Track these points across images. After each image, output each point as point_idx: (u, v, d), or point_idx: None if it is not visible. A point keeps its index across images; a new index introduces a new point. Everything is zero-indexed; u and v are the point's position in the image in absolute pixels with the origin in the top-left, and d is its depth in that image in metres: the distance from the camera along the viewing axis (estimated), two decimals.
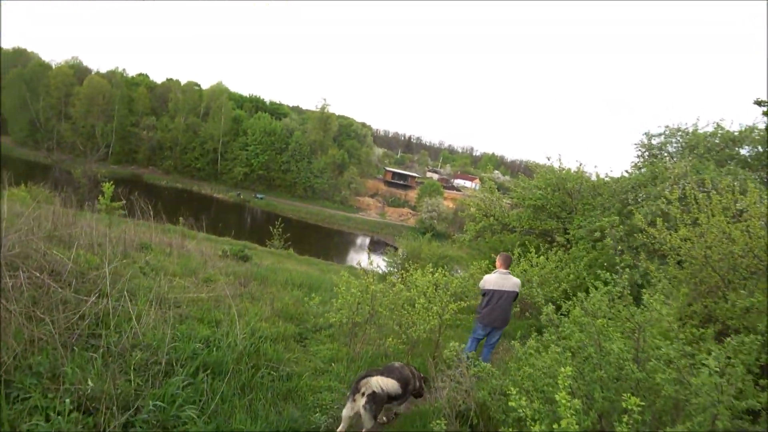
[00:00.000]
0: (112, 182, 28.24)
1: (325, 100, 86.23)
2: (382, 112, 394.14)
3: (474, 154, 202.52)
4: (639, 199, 13.34)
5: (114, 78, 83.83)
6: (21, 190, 29.68)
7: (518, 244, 14.75)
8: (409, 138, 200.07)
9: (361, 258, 60.76)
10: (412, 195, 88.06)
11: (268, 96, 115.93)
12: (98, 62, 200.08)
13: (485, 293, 6.88)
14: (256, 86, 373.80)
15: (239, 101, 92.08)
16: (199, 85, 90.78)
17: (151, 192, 76.38)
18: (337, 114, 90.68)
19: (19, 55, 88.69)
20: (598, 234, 13.68)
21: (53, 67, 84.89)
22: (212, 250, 15.22)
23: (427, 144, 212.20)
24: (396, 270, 18.55)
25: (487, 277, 7.01)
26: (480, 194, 17.95)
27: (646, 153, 17.61)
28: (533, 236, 16.68)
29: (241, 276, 10.01)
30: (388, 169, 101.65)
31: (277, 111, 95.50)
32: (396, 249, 20.28)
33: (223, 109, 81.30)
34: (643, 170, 15.35)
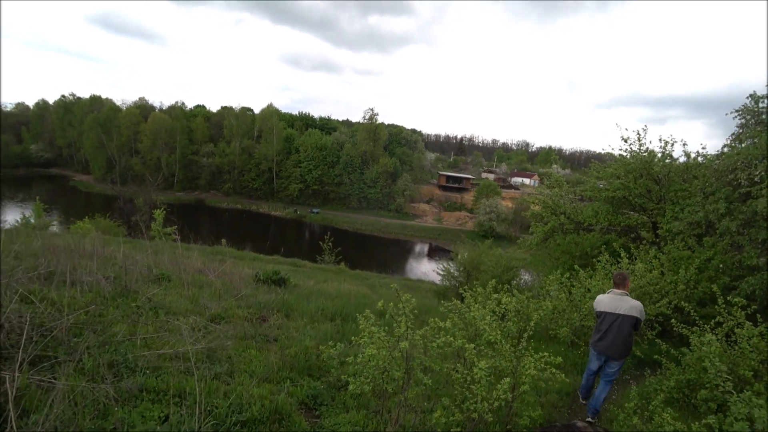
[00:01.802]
0: (163, 208, 28.71)
1: (372, 110, 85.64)
2: (432, 116, 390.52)
3: (530, 149, 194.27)
4: (756, 179, 10.36)
5: (174, 112, 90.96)
6: (86, 222, 30.97)
7: (600, 245, 12.16)
8: (461, 140, 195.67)
9: (420, 264, 59.28)
10: (469, 197, 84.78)
11: (317, 112, 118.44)
12: (161, 99, 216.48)
13: (598, 315, 6.03)
14: (304, 105, 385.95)
15: (290, 120, 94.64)
16: (251, 110, 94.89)
17: (214, 215, 79.70)
18: (385, 123, 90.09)
19: (95, 101, 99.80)
20: (703, 227, 10.81)
21: (123, 109, 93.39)
22: (253, 272, 14.02)
23: (480, 144, 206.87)
24: (452, 284, 16.31)
25: (599, 297, 6.12)
26: (545, 190, 15.39)
27: (752, 120, 14.16)
28: (614, 234, 13.92)
29: (265, 307, 8.45)
30: (441, 173, 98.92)
31: (326, 126, 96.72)
32: (451, 259, 18.12)
33: (275, 129, 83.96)
34: (754, 141, 12.10)
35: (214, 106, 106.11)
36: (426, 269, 52.35)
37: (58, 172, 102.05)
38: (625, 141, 13.47)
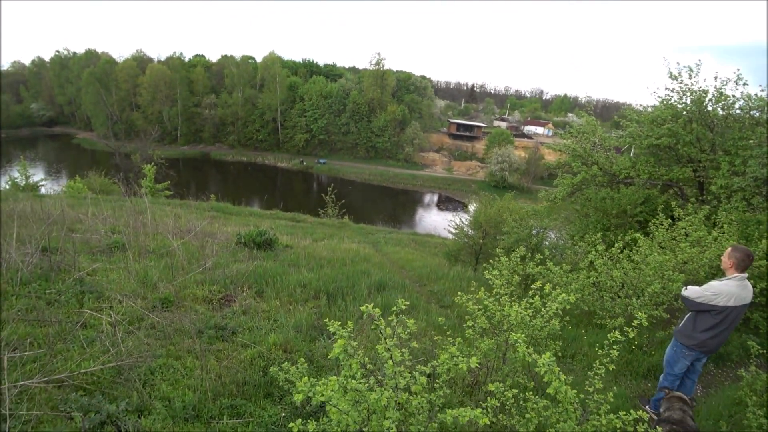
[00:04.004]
0: (154, 164, 26.98)
1: (379, 55, 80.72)
2: (441, 62, 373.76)
3: (544, 97, 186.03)
4: None
5: (172, 63, 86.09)
6: (77, 181, 29.51)
7: (640, 203, 10.19)
8: (472, 87, 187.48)
9: (430, 215, 57.58)
10: (480, 147, 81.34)
11: (321, 59, 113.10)
12: (159, 51, 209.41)
13: (717, 310, 4.40)
14: (308, 51, 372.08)
15: (293, 68, 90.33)
16: (253, 58, 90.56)
17: (219, 168, 78.13)
18: (393, 69, 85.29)
19: (91, 56, 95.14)
20: None
21: (119, 62, 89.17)
22: (242, 231, 12.40)
23: (492, 91, 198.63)
24: (465, 244, 14.38)
25: (718, 285, 4.43)
26: (575, 135, 13.19)
27: None
28: (655, 190, 11.85)
29: (234, 282, 6.80)
30: (451, 121, 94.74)
31: (331, 73, 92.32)
32: (463, 211, 16.18)
33: (278, 77, 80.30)
34: None
35: (213, 56, 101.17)
36: (435, 221, 50.75)
37: (62, 130, 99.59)
38: (675, 78, 11.03)
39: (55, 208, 11.77)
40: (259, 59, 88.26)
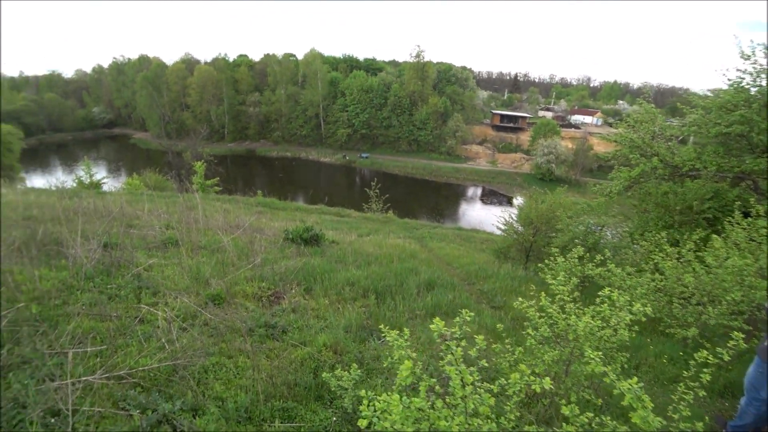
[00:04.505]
0: (203, 161, 27.97)
1: (419, 47, 79.90)
2: (483, 52, 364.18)
3: (591, 84, 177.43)
4: None
5: (218, 64, 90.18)
6: (135, 179, 31.23)
7: (708, 198, 9.36)
8: (515, 76, 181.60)
9: (473, 209, 56.52)
10: (525, 138, 78.73)
11: (361, 54, 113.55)
12: (205, 52, 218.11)
13: None
14: (348, 46, 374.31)
15: (333, 64, 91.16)
16: (294, 56, 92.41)
17: (264, 164, 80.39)
18: (434, 61, 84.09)
19: (144, 61, 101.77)
20: None
21: (169, 65, 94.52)
22: (289, 226, 12.57)
23: (536, 80, 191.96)
24: (514, 240, 13.82)
25: None
26: (631, 125, 12.33)
27: None
28: (725, 183, 10.83)
29: (282, 279, 6.83)
30: (495, 112, 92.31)
31: (371, 67, 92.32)
32: (509, 204, 15.56)
33: (319, 74, 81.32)
34: None
35: (256, 55, 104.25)
36: (479, 215, 49.72)
37: (120, 131, 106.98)
38: (747, 58, 10.01)
39: (115, 205, 12.36)
40: (300, 56, 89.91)
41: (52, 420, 3.18)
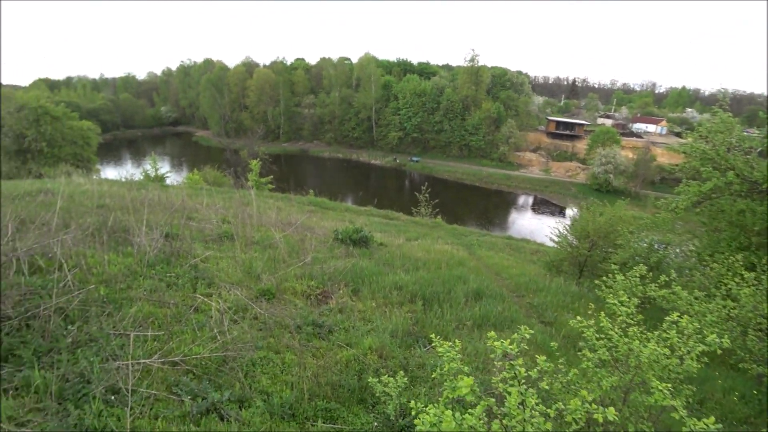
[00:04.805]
0: (259, 159, 29.05)
1: (474, 51, 78.76)
2: (540, 56, 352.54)
3: (657, 90, 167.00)
4: None
5: (276, 67, 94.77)
6: (195, 174, 32.97)
7: None
8: (573, 81, 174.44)
9: (524, 218, 54.80)
10: (581, 146, 75.38)
11: (415, 57, 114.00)
12: (264, 56, 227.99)
13: None
14: (402, 50, 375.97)
15: (387, 67, 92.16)
16: (349, 59, 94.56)
17: (317, 164, 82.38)
18: (488, 65, 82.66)
19: (208, 64, 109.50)
20: None
21: (231, 68, 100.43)
22: (339, 226, 12.77)
23: (596, 86, 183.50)
24: (567, 253, 13.16)
25: None
26: (705, 135, 11.42)
27: None
28: None
29: (331, 279, 6.90)
30: (550, 118, 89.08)
31: (425, 71, 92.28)
32: (562, 211, 14.83)
33: (373, 77, 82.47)
34: None
35: (313, 59, 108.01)
36: (530, 225, 48.18)
37: (184, 129, 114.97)
38: None
39: (177, 198, 13.09)
40: (354, 60, 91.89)
41: (112, 397, 3.36)
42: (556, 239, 14.33)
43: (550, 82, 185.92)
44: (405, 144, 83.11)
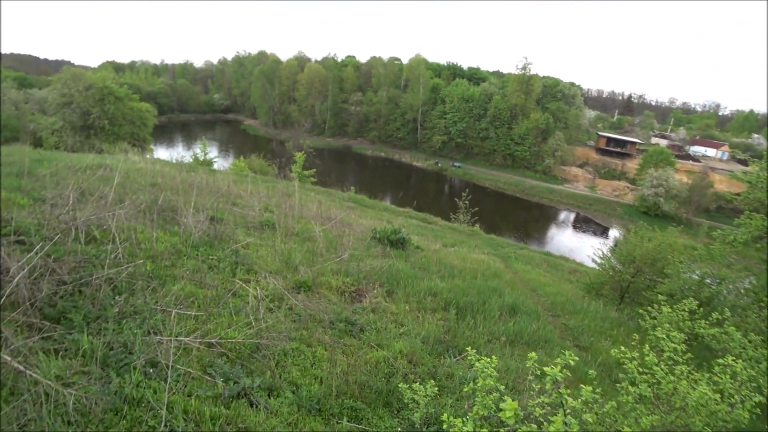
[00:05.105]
0: (304, 152, 29.56)
1: (526, 59, 77.15)
2: (594, 68, 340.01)
3: (720, 112, 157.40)
4: None
5: (327, 63, 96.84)
6: (241, 161, 33.99)
7: None
8: (629, 97, 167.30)
9: (563, 235, 53.05)
10: (632, 165, 72.02)
11: (465, 62, 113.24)
12: (316, 52, 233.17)
13: None
14: (453, 53, 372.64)
15: (437, 70, 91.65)
16: (399, 60, 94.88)
17: (359, 161, 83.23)
18: (540, 74, 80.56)
19: (262, 56, 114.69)
20: None
21: (283, 61, 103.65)
22: (376, 225, 12.84)
23: (653, 103, 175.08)
24: (609, 276, 12.55)
25: None
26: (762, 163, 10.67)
27: None
28: None
29: (366, 278, 6.92)
30: (601, 134, 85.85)
31: (474, 76, 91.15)
32: (605, 232, 14.18)
33: (421, 79, 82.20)
34: None
35: (363, 57, 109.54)
36: (570, 243, 46.64)
37: (234, 117, 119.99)
38: None
39: (223, 183, 13.53)
40: (404, 61, 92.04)
41: (151, 370, 3.49)
42: (598, 260, 13.72)
43: (604, 95, 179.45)
44: (448, 148, 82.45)
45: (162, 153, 56.14)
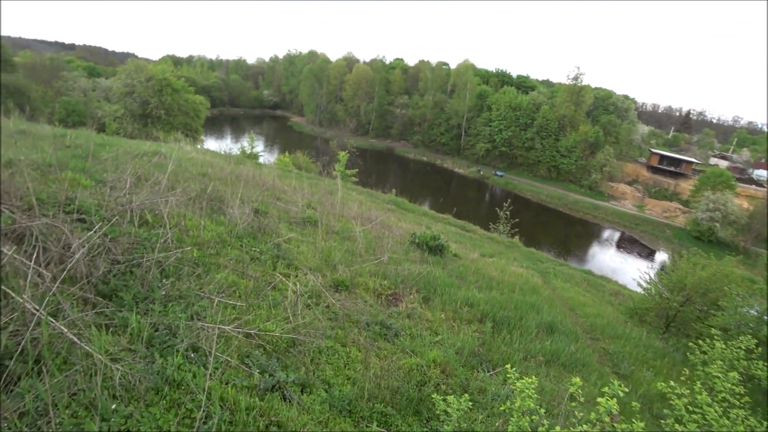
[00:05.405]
0: (347, 152, 29.93)
1: (578, 69, 74.54)
2: (651, 81, 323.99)
3: None
4: None
5: (375, 65, 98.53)
6: (286, 157, 34.84)
7: None
8: (687, 113, 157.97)
9: (605, 254, 50.93)
10: (686, 186, 68.08)
11: (514, 70, 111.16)
12: (365, 53, 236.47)
13: None
14: (503, 60, 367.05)
15: (485, 77, 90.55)
16: (447, 64, 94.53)
17: (401, 163, 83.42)
18: (592, 85, 77.82)
19: (312, 55, 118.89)
20: None
21: (332, 61, 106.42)
22: (415, 229, 12.81)
23: (714, 120, 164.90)
24: (656, 303, 11.88)
25: None
26: None
27: None
28: None
29: (403, 282, 6.90)
30: (654, 151, 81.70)
31: (523, 85, 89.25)
32: (652, 254, 13.42)
33: (468, 85, 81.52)
34: None
35: (411, 60, 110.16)
36: (613, 263, 44.71)
37: (282, 113, 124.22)
38: None
39: (268, 177, 13.88)
40: (453, 66, 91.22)
41: (193, 354, 3.61)
42: (643, 284, 13.04)
43: (660, 110, 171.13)
44: (491, 157, 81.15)
45: (212, 144, 58.45)
